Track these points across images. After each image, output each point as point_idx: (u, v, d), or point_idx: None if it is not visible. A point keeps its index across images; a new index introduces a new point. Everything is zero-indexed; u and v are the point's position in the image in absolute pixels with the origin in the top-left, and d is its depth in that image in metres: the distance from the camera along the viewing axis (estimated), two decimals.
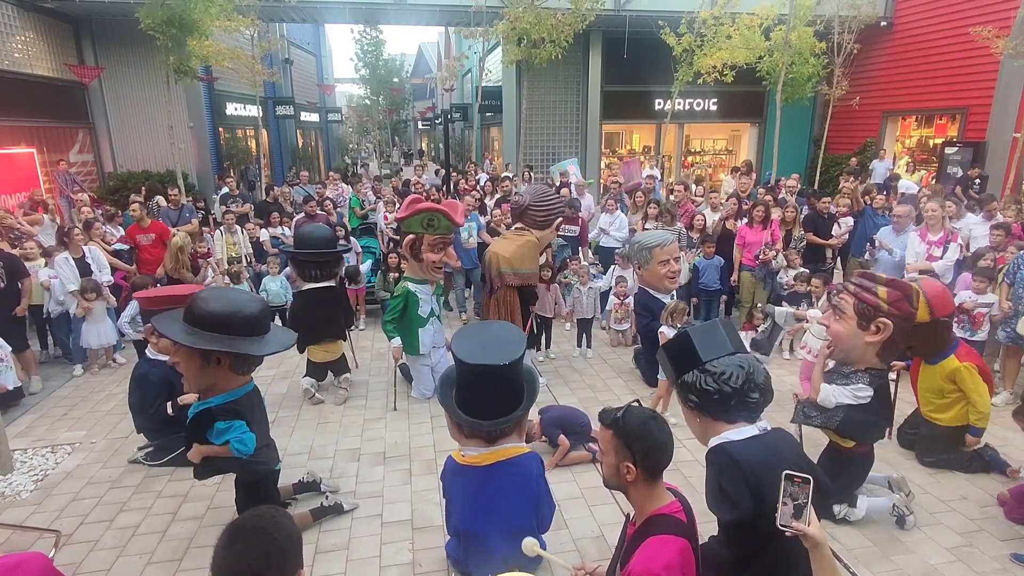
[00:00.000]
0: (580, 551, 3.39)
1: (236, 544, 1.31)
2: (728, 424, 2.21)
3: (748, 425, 2.20)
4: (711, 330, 2.33)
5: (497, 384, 2.69)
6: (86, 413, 5.18)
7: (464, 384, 2.76)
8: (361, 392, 5.55)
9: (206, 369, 2.94)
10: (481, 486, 2.74)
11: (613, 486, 1.93)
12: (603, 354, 6.45)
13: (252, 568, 1.28)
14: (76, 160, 12.79)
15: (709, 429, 2.26)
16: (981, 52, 10.68)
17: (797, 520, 1.65)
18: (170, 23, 9.54)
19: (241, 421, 3.05)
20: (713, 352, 2.23)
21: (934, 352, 3.97)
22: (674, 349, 2.37)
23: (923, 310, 3.70)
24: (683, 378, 2.26)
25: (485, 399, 2.68)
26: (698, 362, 2.23)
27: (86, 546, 3.48)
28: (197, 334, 2.85)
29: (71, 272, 5.79)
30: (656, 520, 1.81)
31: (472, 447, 2.79)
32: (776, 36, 11.57)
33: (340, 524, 3.64)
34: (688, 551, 1.75)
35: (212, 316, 2.87)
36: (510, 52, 12.20)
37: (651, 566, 1.68)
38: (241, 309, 2.95)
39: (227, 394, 3.07)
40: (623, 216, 7.83)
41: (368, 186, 10.96)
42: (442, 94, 29.51)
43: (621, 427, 1.84)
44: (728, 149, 18.08)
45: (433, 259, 5.03)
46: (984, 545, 3.39)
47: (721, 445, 2.19)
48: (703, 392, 2.21)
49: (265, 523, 1.36)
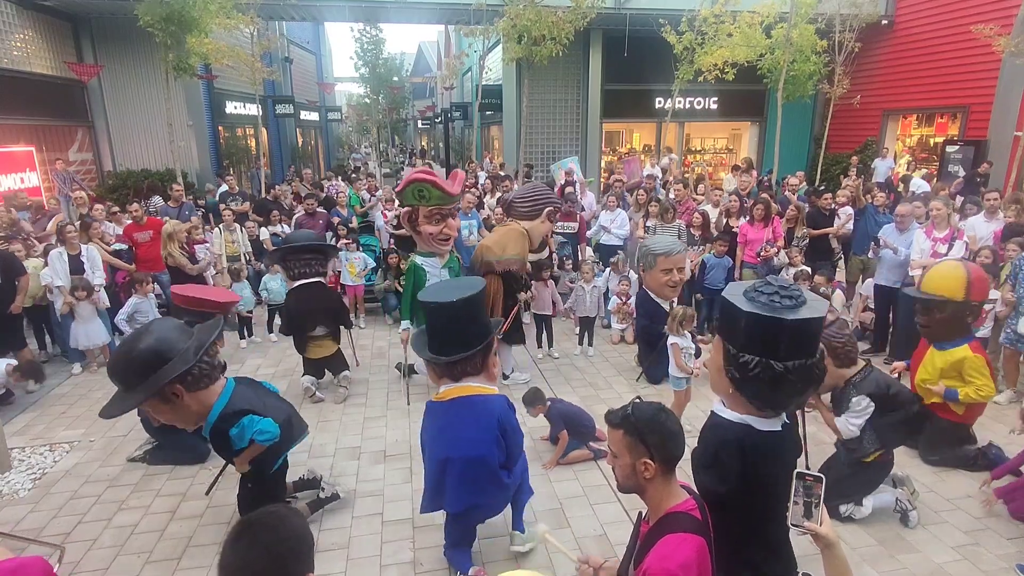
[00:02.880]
0: (582, 550, 3.35)
1: (243, 540, 1.28)
2: (757, 411, 2.04)
3: (774, 418, 2.07)
4: (808, 327, 1.98)
5: (451, 322, 2.93)
6: (84, 411, 5.14)
7: (428, 327, 3.06)
8: (361, 390, 5.52)
9: (176, 406, 2.91)
10: (445, 418, 2.98)
11: (629, 488, 1.86)
12: (605, 352, 6.43)
13: (257, 567, 1.24)
14: (75, 159, 12.74)
15: (735, 402, 2.07)
16: (982, 50, 10.65)
17: (808, 519, 1.61)
18: (169, 20, 9.50)
19: (248, 415, 3.04)
20: (796, 354, 1.95)
21: (950, 336, 3.83)
22: (759, 326, 1.95)
23: (961, 288, 3.64)
24: (744, 356, 1.97)
25: (443, 337, 2.95)
26: (775, 355, 1.94)
27: (84, 545, 3.45)
28: (133, 390, 2.82)
29: (62, 268, 5.74)
30: (672, 518, 1.77)
31: (443, 384, 3.03)
32: (777, 34, 11.53)
33: (340, 523, 3.61)
34: (704, 549, 1.71)
35: (127, 369, 2.81)
36: (510, 50, 12.16)
37: (667, 564, 1.64)
38: (134, 347, 2.83)
39: (214, 408, 3.03)
40: (623, 213, 7.81)
41: (365, 185, 10.94)
42: (442, 93, 29.48)
43: (632, 423, 1.79)
44: (729, 148, 18.04)
45: (431, 231, 4.93)
46: (990, 544, 3.37)
47: (738, 425, 2.04)
48: (755, 380, 1.96)
49: (276, 521, 1.33)
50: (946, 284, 3.74)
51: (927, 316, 3.90)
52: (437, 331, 2.99)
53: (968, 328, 3.89)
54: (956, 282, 3.71)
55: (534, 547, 3.34)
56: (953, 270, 3.83)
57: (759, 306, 1.97)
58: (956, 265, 3.94)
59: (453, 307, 2.91)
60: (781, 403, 2.04)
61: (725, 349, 2.04)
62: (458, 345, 2.93)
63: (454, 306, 2.90)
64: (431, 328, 3.04)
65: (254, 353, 6.55)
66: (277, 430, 3.10)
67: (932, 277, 3.87)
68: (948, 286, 3.74)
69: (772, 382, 1.93)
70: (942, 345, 3.88)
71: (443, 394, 3.02)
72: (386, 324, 7.41)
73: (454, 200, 5.06)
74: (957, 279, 3.71)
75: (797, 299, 1.97)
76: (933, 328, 3.90)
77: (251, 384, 3.38)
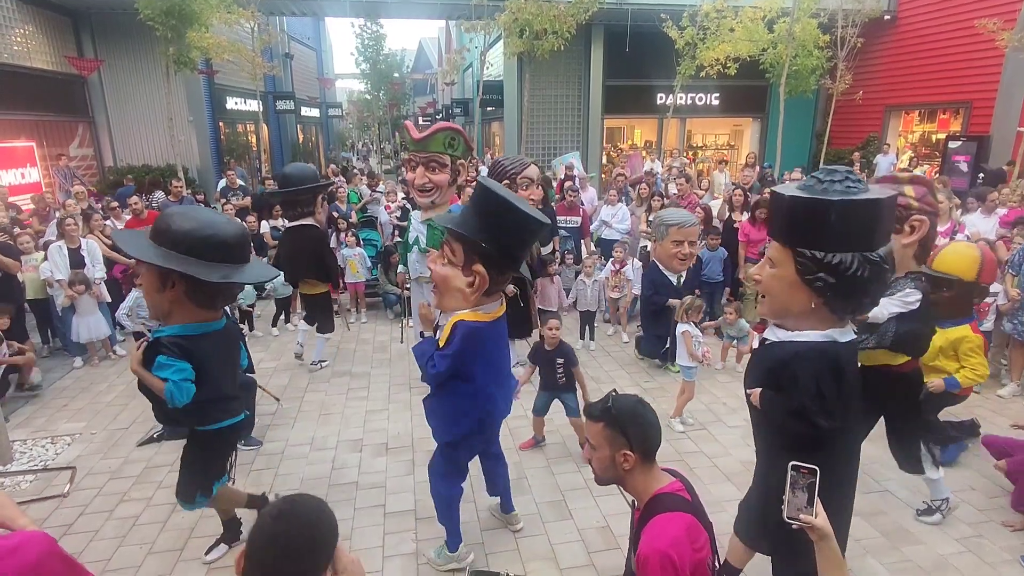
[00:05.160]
0: (585, 541, 3.35)
1: (287, 518, 1.29)
2: (839, 321, 1.92)
3: (848, 326, 1.96)
4: (893, 206, 1.85)
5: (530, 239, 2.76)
6: (86, 405, 5.14)
7: (521, 236, 2.64)
8: (363, 384, 5.51)
9: (162, 292, 2.58)
10: (498, 338, 2.87)
11: (608, 480, 1.87)
12: (606, 346, 6.42)
13: (289, 542, 1.25)
14: (76, 154, 12.74)
15: (813, 319, 1.92)
16: (986, 45, 10.61)
17: (804, 512, 1.59)
18: (169, 13, 9.49)
19: (185, 364, 2.58)
20: (887, 238, 1.81)
21: (953, 315, 3.78)
22: (855, 215, 1.78)
23: (973, 269, 3.62)
24: (838, 258, 1.79)
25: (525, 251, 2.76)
26: (868, 245, 1.79)
27: (86, 536, 3.44)
28: (150, 247, 2.50)
29: (62, 261, 5.73)
30: (658, 499, 1.77)
31: (488, 304, 2.75)
32: (779, 28, 11.50)
33: (343, 514, 3.60)
34: (696, 526, 1.71)
35: (171, 231, 2.52)
36: (512, 44, 12.14)
37: (657, 544, 1.64)
38: (204, 228, 2.53)
39: (182, 327, 2.64)
40: (625, 208, 7.80)
41: (364, 181, 10.92)
42: (442, 89, 29.42)
43: (613, 416, 1.79)
44: (730, 144, 18.02)
45: (409, 178, 4.88)
46: (994, 536, 3.36)
47: (826, 343, 1.92)
48: (851, 280, 1.78)
49: (318, 506, 1.35)
50: (959, 263, 3.70)
51: (933, 293, 3.84)
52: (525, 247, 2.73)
53: (971, 309, 3.86)
54: (969, 262, 3.67)
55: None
56: (968, 250, 3.81)
57: (841, 195, 1.80)
58: (971, 246, 3.94)
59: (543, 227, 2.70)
60: (868, 304, 1.91)
61: (804, 259, 1.86)
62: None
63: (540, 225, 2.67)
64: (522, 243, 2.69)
65: (255, 347, 6.53)
66: (184, 401, 2.57)
67: (946, 256, 3.81)
68: (961, 265, 3.69)
69: (872, 278, 1.78)
70: (943, 324, 3.81)
71: (497, 312, 2.80)
72: (387, 319, 7.40)
73: (419, 146, 4.79)
74: (971, 259, 3.67)
75: (860, 181, 1.85)
76: (938, 306, 3.76)
77: (229, 343, 2.92)
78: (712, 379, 5.51)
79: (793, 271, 1.89)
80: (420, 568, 3.17)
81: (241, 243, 2.73)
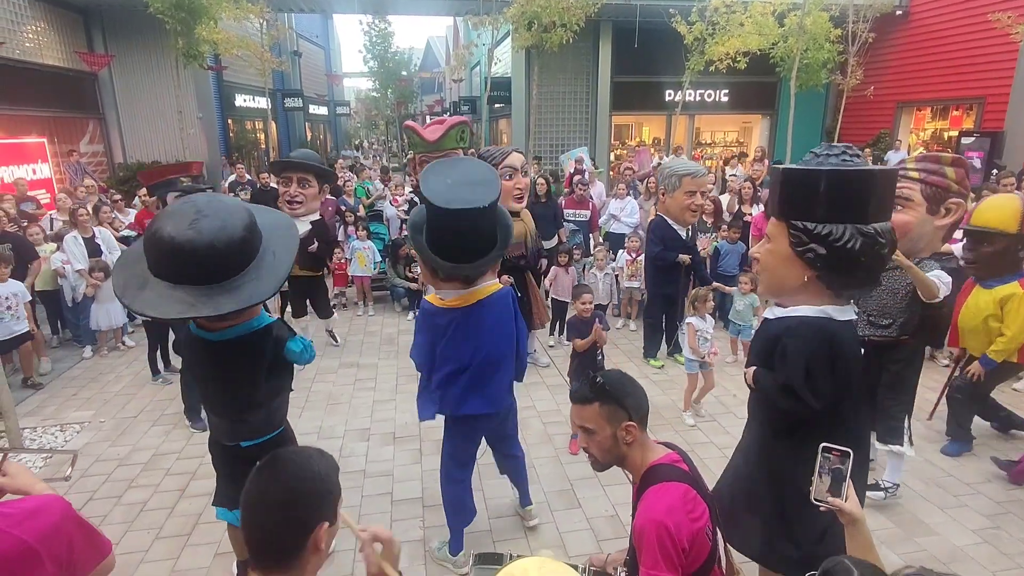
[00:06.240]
0: (594, 530, 3.32)
1: (266, 471, 1.24)
2: (835, 296, 1.88)
3: (848, 305, 1.91)
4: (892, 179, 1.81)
5: (476, 227, 2.54)
6: (95, 394, 5.16)
7: (439, 228, 2.55)
8: (371, 375, 5.50)
9: None
10: (466, 323, 2.71)
11: (610, 462, 1.80)
12: (615, 339, 6.37)
13: (272, 498, 1.20)
14: (87, 150, 12.82)
15: (809, 293, 1.89)
16: (1000, 40, 10.46)
17: (834, 496, 1.54)
18: (179, 7, 9.55)
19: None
20: (884, 214, 1.75)
21: (999, 272, 3.57)
22: (844, 185, 1.75)
23: (1015, 219, 3.43)
24: (828, 228, 1.76)
25: (464, 243, 2.54)
26: (862, 217, 1.75)
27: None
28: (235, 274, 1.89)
29: (79, 251, 5.76)
30: (654, 470, 1.73)
31: (449, 290, 2.73)
32: (790, 22, 11.40)
33: (351, 501, 3.58)
34: (691, 494, 1.66)
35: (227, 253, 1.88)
36: (520, 37, 12.10)
37: (652, 514, 1.60)
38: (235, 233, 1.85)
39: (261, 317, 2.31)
40: (633, 202, 7.75)
41: (377, 175, 10.96)
42: (450, 87, 29.43)
43: (608, 391, 1.75)
44: (739, 141, 17.89)
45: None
46: (1012, 527, 3.29)
47: (821, 319, 1.87)
48: (843, 253, 1.75)
49: (302, 460, 1.28)
50: (999, 216, 3.50)
51: (975, 251, 3.62)
52: (456, 236, 2.54)
53: (1019, 264, 3.59)
54: (1011, 213, 3.46)
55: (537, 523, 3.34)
56: (1009, 201, 3.61)
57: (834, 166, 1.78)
58: (1011, 196, 3.75)
59: (481, 213, 2.48)
60: (863, 278, 1.86)
61: (797, 231, 1.83)
62: (481, 249, 2.58)
63: (483, 211, 2.48)
64: (444, 230, 2.54)
65: None
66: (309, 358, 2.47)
67: (984, 209, 3.60)
68: (1001, 217, 3.49)
69: (864, 251, 1.75)
70: (989, 284, 3.61)
71: (460, 300, 2.70)
72: (395, 312, 7.39)
73: (433, 147, 4.82)
74: (1012, 210, 3.47)
75: (863, 158, 1.82)
76: (980, 264, 3.62)
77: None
78: (722, 371, 5.45)
79: (787, 244, 1.86)
80: (427, 554, 3.16)
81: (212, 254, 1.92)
